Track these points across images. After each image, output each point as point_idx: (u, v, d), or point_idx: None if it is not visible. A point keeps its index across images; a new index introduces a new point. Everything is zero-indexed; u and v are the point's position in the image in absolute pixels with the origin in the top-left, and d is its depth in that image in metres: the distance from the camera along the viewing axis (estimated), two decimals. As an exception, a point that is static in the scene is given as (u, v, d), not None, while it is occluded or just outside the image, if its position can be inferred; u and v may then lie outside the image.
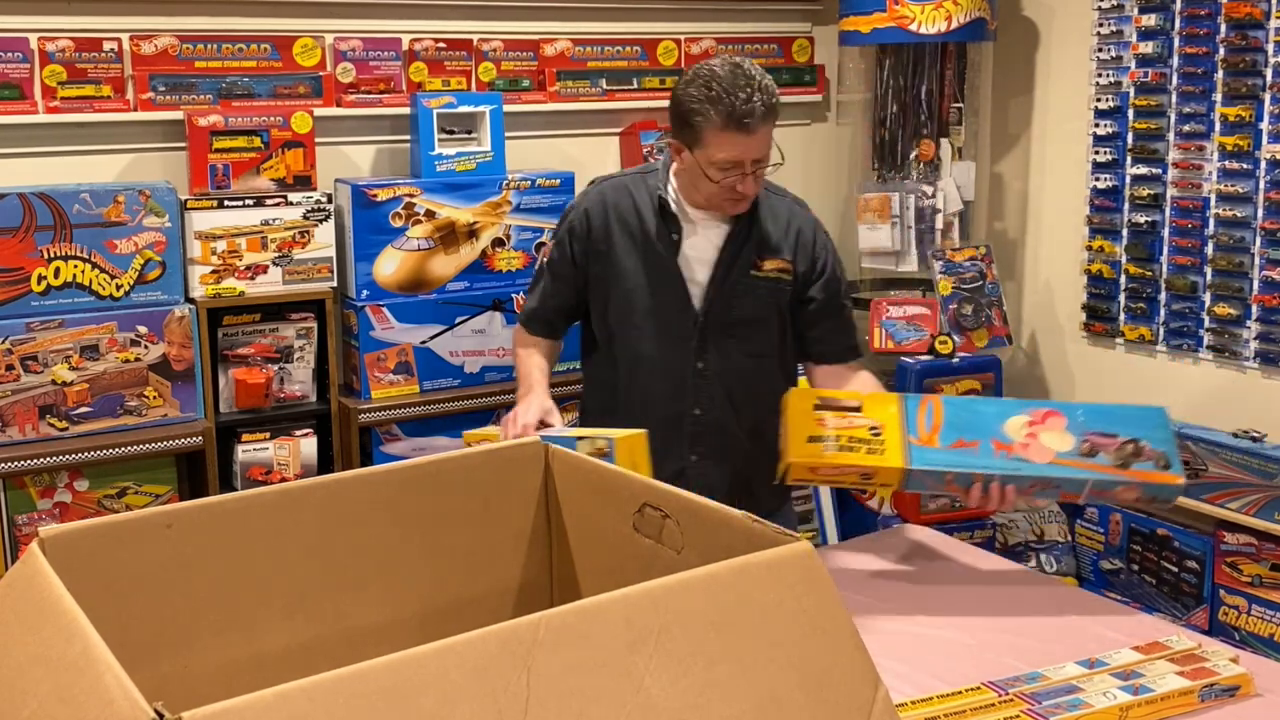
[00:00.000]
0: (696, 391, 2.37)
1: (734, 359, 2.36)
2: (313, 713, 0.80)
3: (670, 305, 2.37)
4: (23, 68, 3.00)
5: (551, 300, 2.51)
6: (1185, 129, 3.55)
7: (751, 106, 2.19)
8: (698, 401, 2.37)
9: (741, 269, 2.36)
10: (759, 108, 2.20)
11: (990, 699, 1.72)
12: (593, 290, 2.45)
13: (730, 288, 2.36)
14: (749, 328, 2.38)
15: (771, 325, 2.40)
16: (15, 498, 2.87)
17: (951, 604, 2.13)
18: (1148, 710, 1.69)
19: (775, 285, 2.37)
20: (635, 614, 0.93)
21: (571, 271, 2.46)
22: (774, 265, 2.37)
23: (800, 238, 2.39)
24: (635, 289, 2.39)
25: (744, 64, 2.26)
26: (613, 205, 2.41)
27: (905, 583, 2.27)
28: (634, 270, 2.39)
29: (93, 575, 1.13)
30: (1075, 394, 4.00)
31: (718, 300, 2.36)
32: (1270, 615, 3.32)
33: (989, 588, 2.25)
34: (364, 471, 1.34)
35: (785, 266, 2.38)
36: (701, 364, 2.37)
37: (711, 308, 2.36)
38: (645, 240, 2.38)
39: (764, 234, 2.37)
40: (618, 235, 2.40)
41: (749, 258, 2.36)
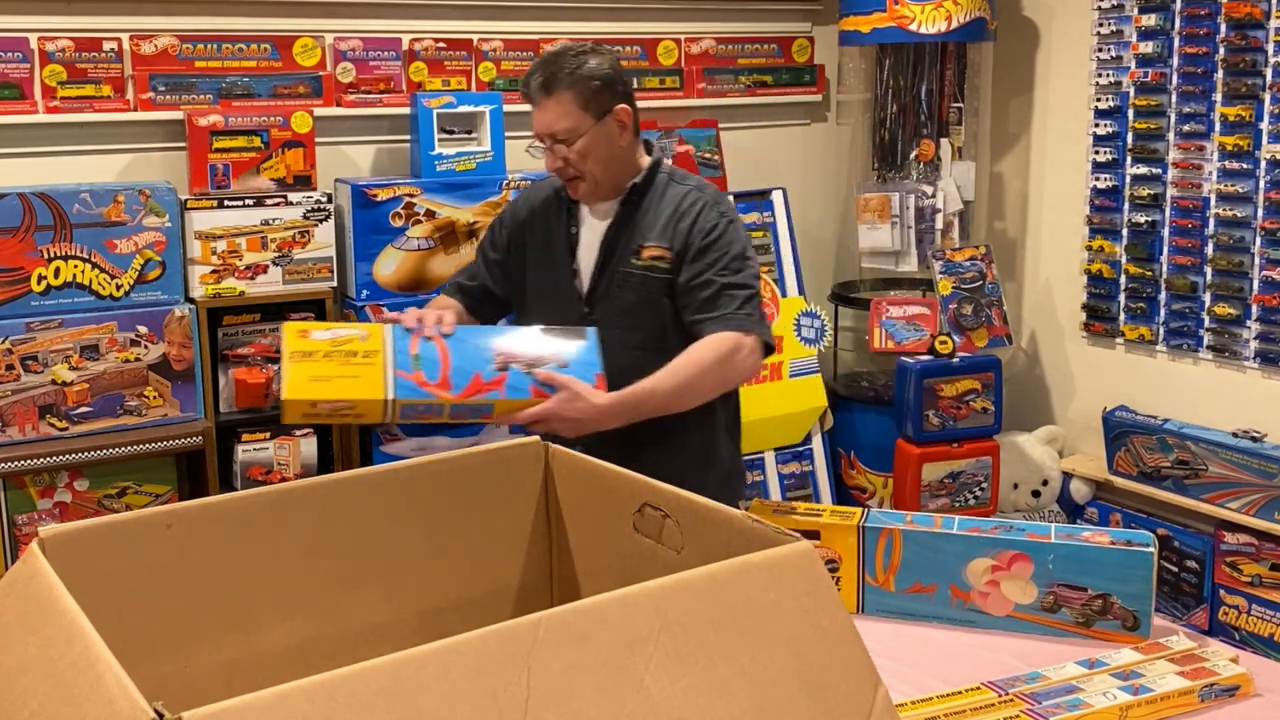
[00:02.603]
0: None
1: (617, 350, 2.31)
2: (313, 713, 0.80)
3: (563, 296, 2.42)
4: (23, 68, 3.00)
5: (474, 279, 2.58)
6: (1185, 129, 3.55)
7: (530, 80, 2.34)
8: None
9: (621, 259, 2.37)
10: (535, 81, 2.33)
11: (990, 699, 1.72)
12: (513, 281, 2.51)
13: (610, 278, 2.38)
14: (631, 318, 2.36)
15: (652, 317, 2.36)
16: (15, 498, 2.87)
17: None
18: (1148, 710, 1.69)
19: (650, 274, 2.35)
20: (635, 614, 0.93)
21: (499, 258, 2.53)
22: (651, 254, 2.36)
23: (681, 223, 2.36)
24: (539, 280, 2.46)
25: (572, 45, 2.38)
26: (538, 199, 2.51)
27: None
28: (538, 262, 2.46)
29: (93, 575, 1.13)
30: (1075, 394, 4.00)
31: (599, 291, 2.39)
32: (1270, 615, 3.32)
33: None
34: (364, 471, 1.34)
35: (662, 254, 2.35)
36: None
37: (595, 299, 2.39)
38: (550, 233, 2.45)
39: (645, 223, 2.37)
40: (535, 228, 2.48)
41: (628, 247, 2.37)
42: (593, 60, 2.33)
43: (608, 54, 2.39)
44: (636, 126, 2.41)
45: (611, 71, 2.35)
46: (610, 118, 2.33)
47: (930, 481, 3.58)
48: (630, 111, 2.37)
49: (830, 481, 3.88)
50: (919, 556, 2.02)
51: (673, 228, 2.35)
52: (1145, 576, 1.93)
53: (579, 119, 2.32)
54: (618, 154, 2.37)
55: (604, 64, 2.35)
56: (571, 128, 2.32)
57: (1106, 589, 1.94)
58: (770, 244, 3.86)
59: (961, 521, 2.05)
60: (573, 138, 2.32)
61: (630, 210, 2.39)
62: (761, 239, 3.85)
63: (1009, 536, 2.00)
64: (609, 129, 2.34)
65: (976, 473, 3.62)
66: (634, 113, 2.39)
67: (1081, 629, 1.97)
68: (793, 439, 3.83)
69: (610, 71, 2.35)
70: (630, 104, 2.37)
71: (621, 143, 2.36)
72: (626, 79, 2.39)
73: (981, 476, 3.63)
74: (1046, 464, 3.87)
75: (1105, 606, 1.95)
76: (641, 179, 2.40)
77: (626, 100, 2.36)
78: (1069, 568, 1.96)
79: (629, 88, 2.39)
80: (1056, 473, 3.87)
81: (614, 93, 2.34)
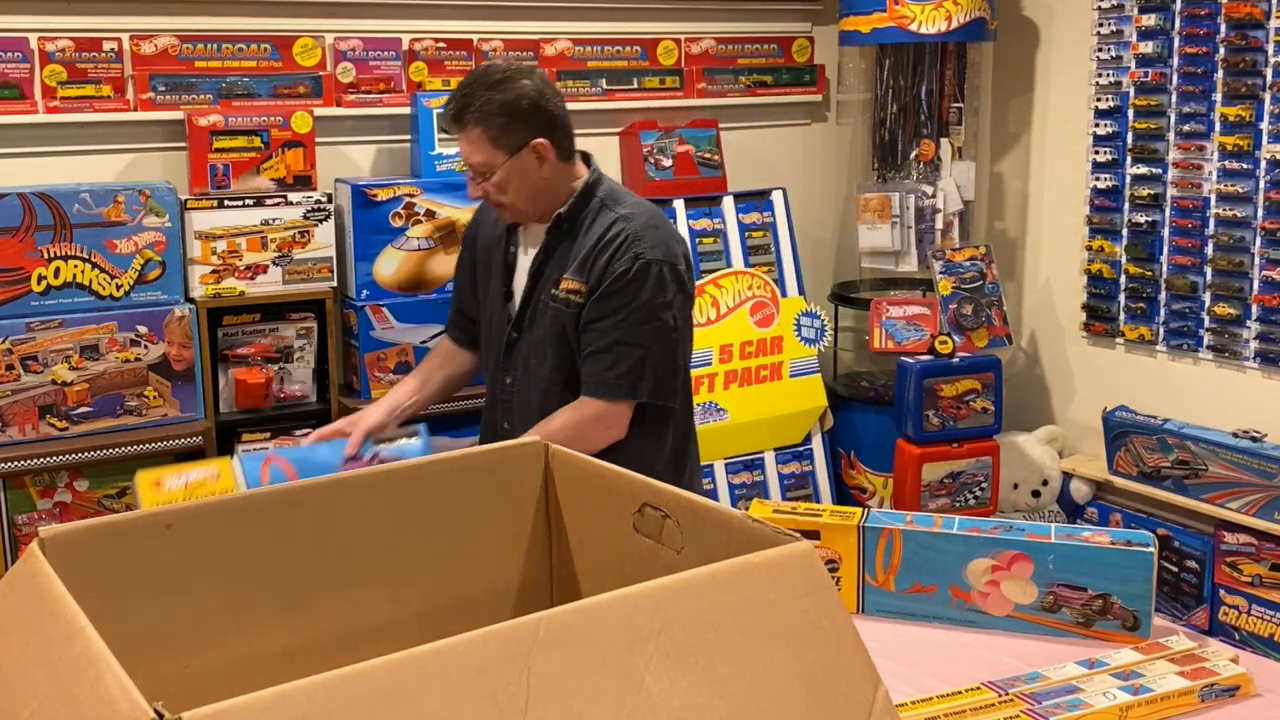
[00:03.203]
0: (504, 407, 2.38)
1: (535, 379, 2.30)
2: (313, 713, 0.80)
3: (498, 320, 2.39)
4: (23, 68, 3.00)
5: (457, 301, 2.57)
6: (1185, 129, 3.55)
7: (445, 108, 2.28)
8: (506, 416, 2.38)
9: (544, 288, 2.30)
10: (447, 113, 2.27)
11: (990, 699, 1.72)
12: (479, 301, 2.49)
13: (534, 306, 2.32)
14: (544, 350, 2.30)
15: (564, 350, 2.28)
16: (15, 498, 2.87)
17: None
18: (1148, 710, 1.69)
19: (565, 308, 2.26)
20: (635, 614, 0.93)
21: (466, 278, 2.52)
22: (567, 286, 2.27)
23: (599, 259, 2.24)
24: (486, 300, 2.43)
25: (492, 69, 2.26)
26: (489, 217, 2.45)
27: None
28: (485, 281, 2.43)
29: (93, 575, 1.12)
30: (1075, 394, 4.00)
31: (525, 319, 2.33)
32: (1270, 615, 3.32)
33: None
34: (364, 471, 1.34)
35: (577, 288, 2.25)
36: (510, 379, 2.36)
37: (521, 325, 2.34)
38: (492, 253, 2.41)
39: (571, 252, 2.28)
40: (482, 247, 2.45)
41: (551, 276, 2.30)
42: (507, 92, 2.20)
43: (527, 81, 2.24)
44: (567, 151, 2.28)
45: (525, 103, 2.21)
46: (525, 151, 2.22)
47: (930, 481, 3.58)
48: (549, 144, 2.23)
49: (830, 481, 3.88)
50: (919, 556, 2.02)
51: (592, 261, 2.24)
52: (1145, 576, 1.93)
53: (490, 154, 2.22)
54: (539, 185, 2.26)
55: (518, 95, 2.20)
56: (484, 162, 2.23)
57: (1106, 589, 1.94)
58: (770, 244, 3.87)
59: (961, 521, 2.05)
60: (487, 172, 2.24)
61: (558, 238, 2.30)
62: (761, 239, 3.85)
63: (1009, 536, 1.99)
64: (525, 163, 2.23)
65: (976, 473, 3.62)
66: (559, 140, 2.25)
67: (1081, 629, 1.96)
68: (793, 439, 3.83)
69: (524, 103, 2.21)
70: (551, 134, 2.23)
71: (542, 174, 2.25)
72: (549, 106, 2.24)
73: (981, 476, 3.63)
74: (1046, 464, 3.87)
75: (1105, 606, 1.95)
76: (569, 207, 2.28)
77: (546, 131, 2.23)
78: (1069, 568, 1.96)
79: (551, 116, 2.24)
80: (1056, 473, 3.87)
81: (529, 125, 2.21)
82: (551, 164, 2.25)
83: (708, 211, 3.79)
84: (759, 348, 3.77)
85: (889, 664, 1.46)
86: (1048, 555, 1.97)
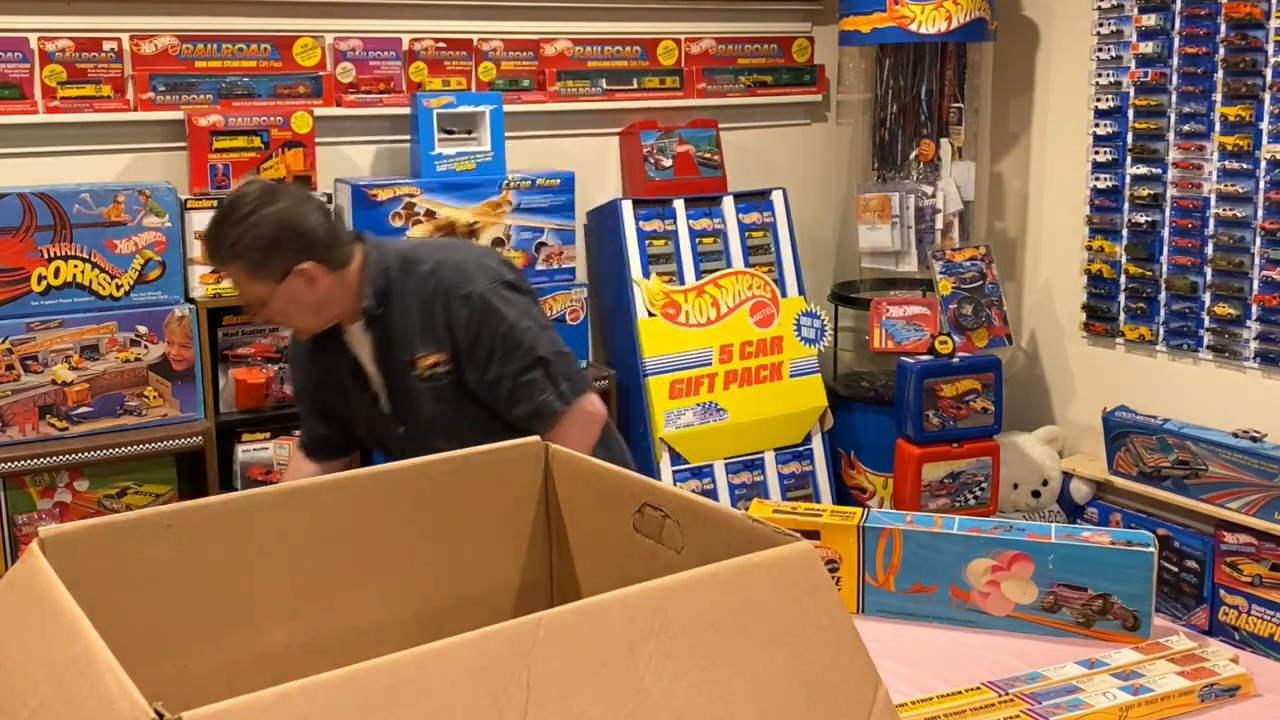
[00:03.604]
0: None
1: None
2: (313, 713, 0.80)
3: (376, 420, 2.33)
4: (23, 68, 3.00)
5: (310, 425, 2.51)
6: (1185, 129, 3.55)
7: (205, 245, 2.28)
8: None
9: (402, 375, 2.25)
10: (206, 250, 2.25)
11: (990, 699, 1.71)
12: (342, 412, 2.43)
13: (404, 395, 2.26)
14: (443, 428, 2.23)
15: (463, 419, 2.23)
16: (15, 498, 2.87)
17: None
18: (1148, 710, 1.69)
19: (438, 382, 2.23)
20: (635, 614, 0.93)
21: (310, 399, 2.46)
22: (427, 363, 2.22)
23: (437, 323, 2.22)
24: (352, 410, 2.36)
25: (239, 202, 2.15)
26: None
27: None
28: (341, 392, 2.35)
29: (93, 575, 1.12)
30: (1075, 394, 4.00)
31: (401, 410, 2.27)
32: (1270, 615, 3.32)
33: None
34: (364, 471, 1.34)
35: (438, 359, 2.22)
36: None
37: (401, 416, 2.28)
38: (332, 363, 2.34)
39: (404, 332, 2.22)
40: (318, 360, 2.37)
41: (401, 361, 2.24)
42: (254, 225, 2.12)
43: (275, 206, 2.14)
44: (337, 260, 2.19)
45: (276, 231, 2.13)
46: (291, 278, 2.14)
47: (930, 481, 3.58)
48: (313, 265, 2.15)
49: (830, 481, 3.88)
50: (919, 556, 2.02)
51: (432, 329, 2.20)
52: (1145, 576, 1.93)
53: (256, 287, 2.16)
54: (320, 300, 2.19)
55: (266, 225, 2.12)
56: (254, 297, 2.18)
57: (1106, 589, 1.94)
58: (770, 244, 3.87)
59: (961, 521, 2.05)
60: (260, 304, 2.18)
61: (381, 327, 2.24)
62: (761, 239, 3.85)
63: (1009, 536, 1.99)
64: (294, 287, 2.15)
65: (976, 473, 3.62)
66: (322, 255, 2.16)
67: (1081, 629, 1.96)
68: (793, 439, 3.83)
69: (274, 232, 2.12)
70: (312, 254, 2.15)
71: (318, 292, 2.17)
72: (303, 226, 2.15)
73: (981, 476, 3.63)
74: (1046, 464, 3.87)
75: (1105, 606, 1.95)
76: (370, 298, 2.22)
77: (305, 253, 2.14)
78: (1069, 568, 1.96)
79: (307, 235, 2.15)
80: (1056, 473, 3.87)
81: (286, 253, 2.13)
82: (323, 280, 2.18)
83: (708, 211, 3.79)
84: (759, 348, 3.77)
85: (889, 664, 1.46)
86: (1048, 555, 1.97)
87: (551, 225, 3.47)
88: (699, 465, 3.68)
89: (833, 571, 2.05)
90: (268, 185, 2.22)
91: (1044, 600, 1.97)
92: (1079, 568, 1.95)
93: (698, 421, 3.66)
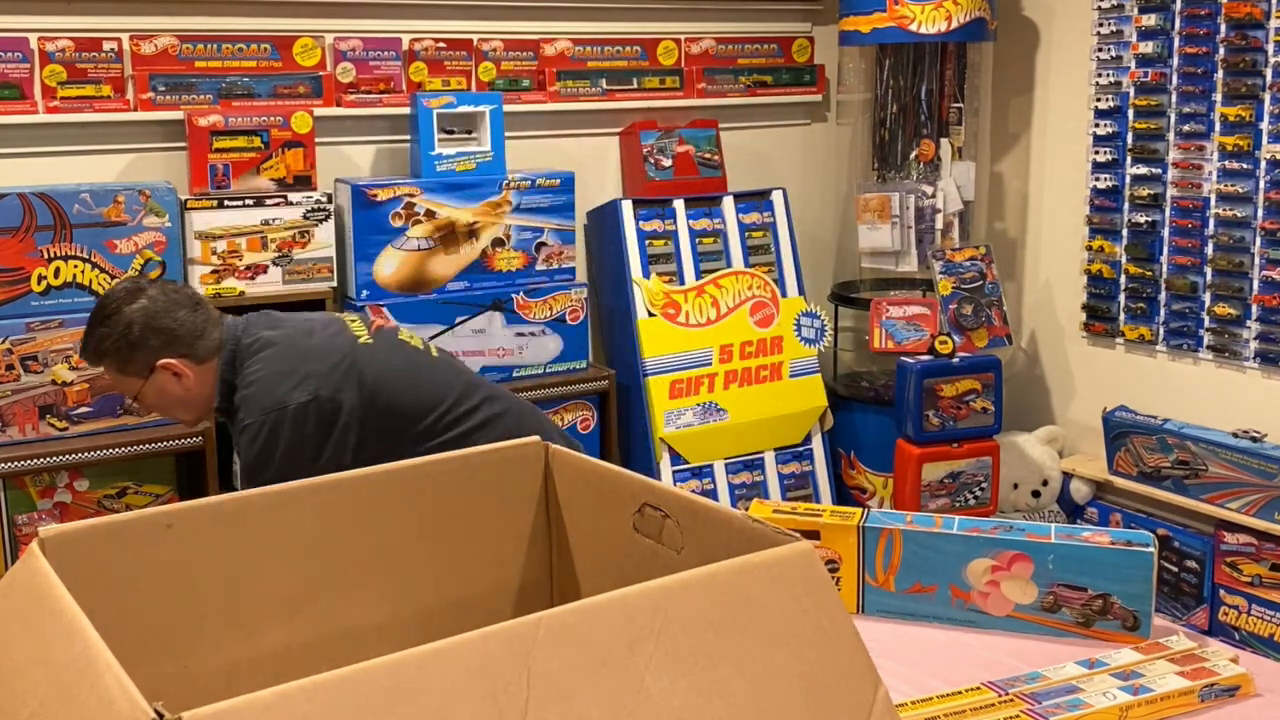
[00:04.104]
0: None
1: None
2: (313, 713, 0.80)
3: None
4: (23, 68, 3.00)
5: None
6: (1185, 129, 3.55)
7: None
8: None
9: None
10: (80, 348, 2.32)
11: (990, 699, 1.71)
12: None
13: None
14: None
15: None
16: (15, 498, 2.87)
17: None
18: (1148, 710, 1.69)
19: None
20: (635, 614, 0.93)
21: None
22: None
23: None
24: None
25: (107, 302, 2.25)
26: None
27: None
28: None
29: (93, 575, 1.12)
30: (1075, 394, 4.00)
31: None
32: (1270, 615, 3.32)
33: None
34: (364, 471, 1.34)
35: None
36: None
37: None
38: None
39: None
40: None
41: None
42: (116, 324, 2.22)
43: (136, 305, 2.23)
44: (201, 355, 2.26)
45: (137, 330, 2.21)
46: (156, 373, 2.24)
47: (930, 481, 3.58)
48: (176, 361, 2.23)
49: (830, 481, 3.88)
50: (919, 556, 2.02)
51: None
52: (1145, 576, 1.93)
53: (126, 384, 2.28)
54: (189, 394, 2.28)
55: (128, 324, 2.21)
56: (127, 392, 2.31)
57: (1106, 589, 1.94)
58: (770, 244, 3.87)
59: (961, 521, 2.05)
60: (133, 397, 2.30)
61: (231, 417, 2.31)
62: (761, 239, 3.85)
63: (1009, 536, 2.00)
64: (160, 382, 2.25)
65: (976, 473, 3.62)
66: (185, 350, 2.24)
67: (1081, 629, 1.96)
68: (792, 439, 3.83)
69: (135, 331, 2.21)
70: (174, 350, 2.23)
71: (186, 386, 2.26)
72: (164, 324, 2.23)
73: (981, 476, 3.63)
74: (1046, 464, 3.87)
75: (1105, 606, 1.95)
76: (218, 403, 2.29)
77: (168, 349, 2.23)
78: (1069, 568, 1.96)
79: (170, 332, 2.23)
80: (1056, 473, 3.87)
81: (149, 350, 2.22)
82: (190, 374, 2.25)
83: (708, 211, 3.79)
84: (759, 348, 3.77)
85: (889, 664, 1.46)
86: (1048, 555, 1.97)
87: (551, 225, 3.47)
88: (699, 465, 3.68)
89: (833, 571, 2.05)
90: (133, 284, 2.31)
91: (1044, 600, 1.97)
92: (1079, 568, 1.95)
93: (698, 421, 3.66)
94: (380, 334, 2.40)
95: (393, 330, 2.48)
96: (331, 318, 2.43)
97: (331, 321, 2.39)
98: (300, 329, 2.32)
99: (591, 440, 3.53)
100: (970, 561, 2.00)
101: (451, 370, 2.43)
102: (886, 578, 2.04)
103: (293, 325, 2.33)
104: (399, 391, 2.29)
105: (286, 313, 2.43)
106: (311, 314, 2.46)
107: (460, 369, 2.49)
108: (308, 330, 2.32)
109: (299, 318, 2.39)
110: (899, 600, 2.04)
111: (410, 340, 2.44)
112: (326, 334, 2.32)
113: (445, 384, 2.36)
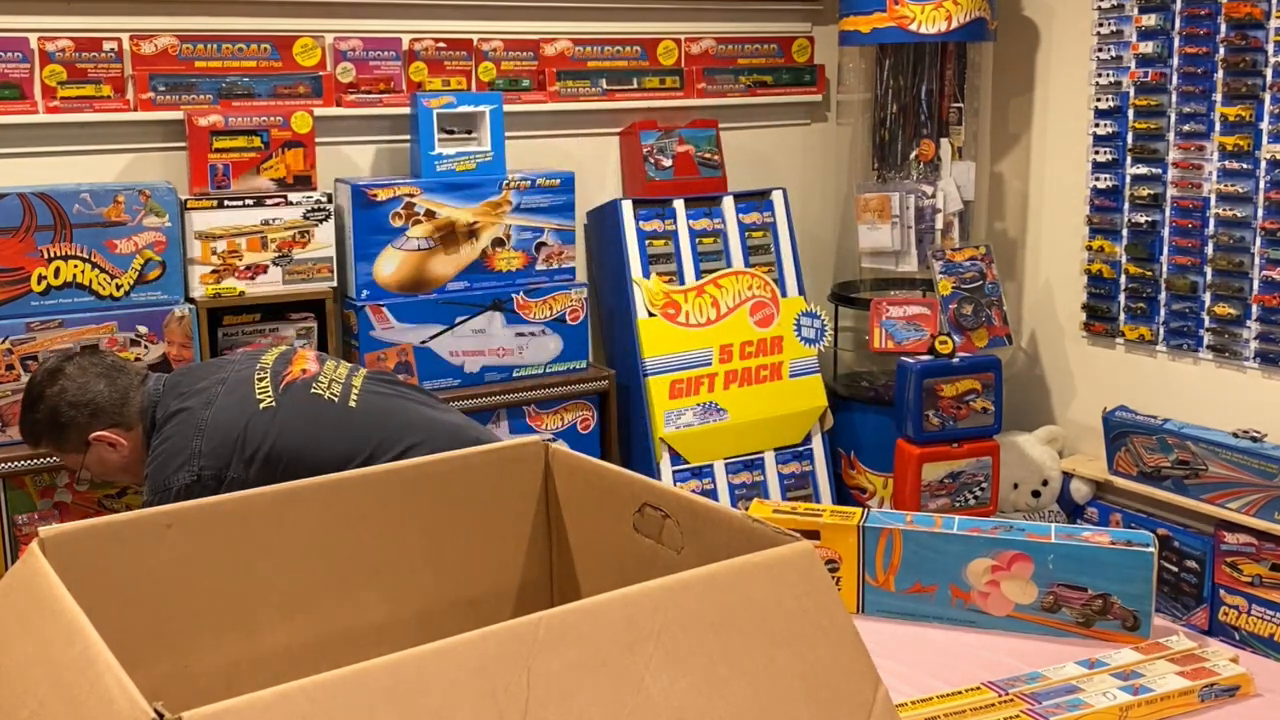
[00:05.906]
0: None
1: None
2: (313, 713, 0.80)
3: None
4: (23, 68, 3.00)
5: None
6: (1185, 129, 3.55)
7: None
8: None
9: None
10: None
11: (990, 699, 1.72)
12: None
13: None
14: None
15: None
16: (15, 498, 2.87)
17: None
18: (1148, 710, 1.69)
19: None
20: (635, 614, 0.93)
21: None
22: None
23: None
24: None
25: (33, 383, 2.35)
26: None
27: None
28: None
29: (93, 575, 1.13)
30: (1075, 394, 4.00)
31: None
32: (1270, 615, 3.32)
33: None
34: (364, 471, 1.34)
35: None
36: None
37: None
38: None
39: None
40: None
41: None
42: (41, 409, 2.32)
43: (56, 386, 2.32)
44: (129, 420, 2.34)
45: (63, 409, 2.31)
46: (92, 446, 2.32)
47: (930, 481, 3.58)
48: (106, 432, 2.31)
49: (830, 481, 3.88)
50: (919, 556, 2.02)
51: None
52: (1145, 576, 1.93)
53: (69, 459, 2.38)
54: (129, 460, 2.35)
55: (52, 407, 2.31)
56: (72, 466, 2.41)
57: (1106, 589, 1.95)
58: (770, 244, 3.87)
59: (961, 521, 2.05)
60: (78, 471, 2.41)
61: None
62: (761, 239, 3.85)
63: (1009, 536, 2.00)
64: (97, 453, 2.34)
65: (976, 473, 3.62)
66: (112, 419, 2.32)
67: (1081, 629, 1.97)
68: (792, 439, 3.83)
69: (62, 410, 2.31)
70: (101, 422, 2.31)
71: (123, 453, 2.34)
72: (84, 398, 2.32)
73: (981, 476, 3.63)
74: (1046, 464, 3.87)
75: (1105, 606, 1.95)
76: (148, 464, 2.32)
77: (95, 422, 2.31)
78: (1069, 568, 1.96)
79: (92, 405, 2.32)
80: (1056, 473, 3.87)
81: (77, 427, 2.32)
82: (124, 441, 2.34)
83: (708, 211, 3.79)
84: (759, 348, 3.77)
85: (889, 664, 1.46)
86: (1048, 555, 1.97)
87: (551, 225, 3.47)
88: (699, 465, 3.68)
89: (833, 571, 2.05)
90: (52, 365, 2.39)
91: (1044, 600, 1.97)
92: (1079, 568, 1.96)
93: (698, 421, 3.66)
94: (289, 390, 2.34)
95: (306, 381, 2.39)
96: (241, 377, 2.38)
97: (240, 384, 2.35)
98: (202, 398, 2.32)
99: (591, 440, 3.53)
100: (970, 561, 2.00)
101: (371, 420, 2.35)
102: (886, 578, 2.04)
103: (197, 393, 2.33)
104: (300, 452, 2.26)
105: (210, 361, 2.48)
106: (226, 370, 2.42)
107: (387, 413, 2.39)
108: (206, 401, 2.31)
109: (211, 379, 2.37)
110: (899, 600, 2.04)
111: (325, 393, 2.36)
112: (229, 400, 2.31)
113: (359, 438, 2.30)
